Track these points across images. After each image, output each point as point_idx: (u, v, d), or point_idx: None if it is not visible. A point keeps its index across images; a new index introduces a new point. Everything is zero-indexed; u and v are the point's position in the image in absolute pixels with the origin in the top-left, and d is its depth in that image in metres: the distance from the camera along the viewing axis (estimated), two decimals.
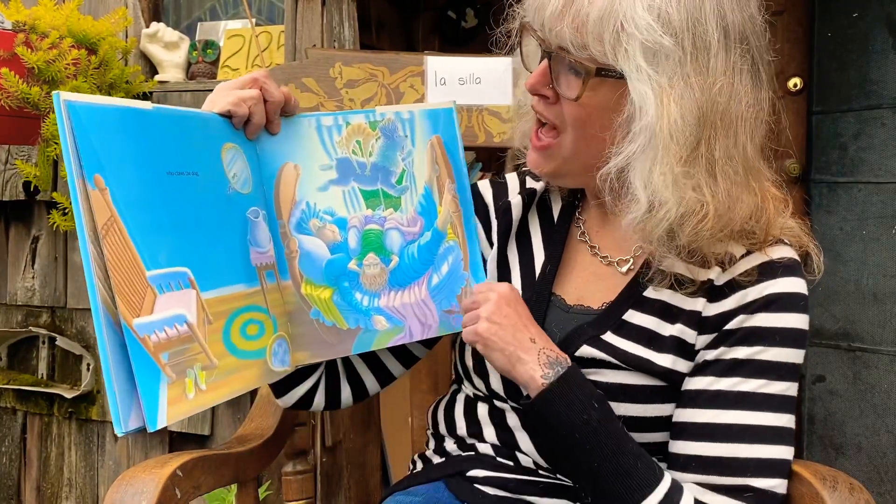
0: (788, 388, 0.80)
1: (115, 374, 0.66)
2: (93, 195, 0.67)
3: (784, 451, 0.80)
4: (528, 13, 0.83)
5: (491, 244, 0.98)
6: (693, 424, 0.81)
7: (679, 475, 0.81)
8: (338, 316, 0.88)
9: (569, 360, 0.82)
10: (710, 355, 0.82)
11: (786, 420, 0.80)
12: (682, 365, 0.83)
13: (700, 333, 0.83)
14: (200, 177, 0.77)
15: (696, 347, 0.83)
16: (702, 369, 0.82)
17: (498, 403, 0.92)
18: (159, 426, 0.68)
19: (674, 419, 0.83)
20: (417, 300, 0.91)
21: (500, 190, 1.01)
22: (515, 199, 0.97)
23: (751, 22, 0.78)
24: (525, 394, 0.83)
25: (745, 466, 0.78)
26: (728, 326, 0.81)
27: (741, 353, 0.80)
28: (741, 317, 0.81)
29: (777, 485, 0.79)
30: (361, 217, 0.89)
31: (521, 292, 0.92)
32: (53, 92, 0.67)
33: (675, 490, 0.79)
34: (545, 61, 0.81)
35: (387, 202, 0.90)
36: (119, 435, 0.67)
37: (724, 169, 0.76)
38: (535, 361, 0.81)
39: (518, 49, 0.88)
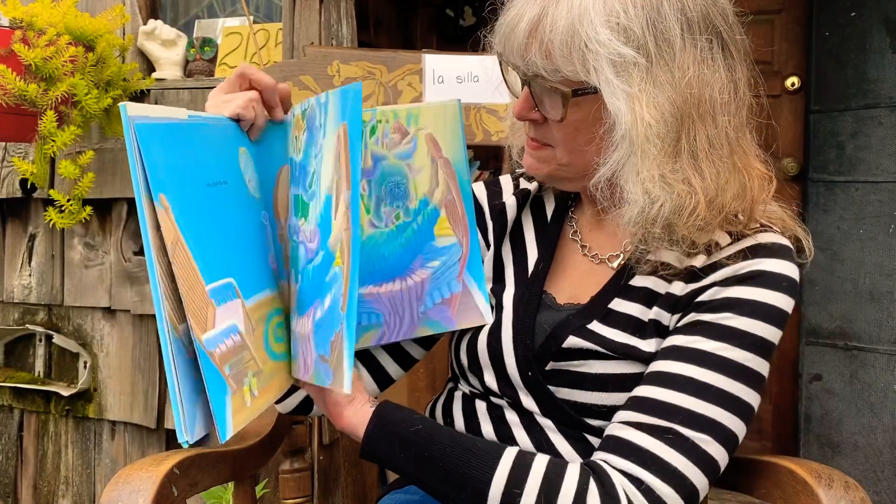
0: (751, 360, 0.78)
1: (180, 386, 0.67)
2: (161, 214, 0.66)
3: (725, 417, 0.75)
4: (499, 45, 0.84)
5: (487, 245, 0.98)
6: (645, 374, 0.81)
7: (615, 415, 0.81)
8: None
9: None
10: (680, 322, 0.81)
11: (738, 389, 0.76)
12: None
13: (673, 314, 0.82)
14: (229, 185, 0.77)
15: (671, 327, 0.82)
16: (670, 332, 0.82)
17: (494, 400, 0.92)
18: (228, 437, 0.69)
19: None
20: (303, 336, 0.78)
21: (494, 191, 1.02)
22: (510, 201, 0.98)
23: (714, 5, 0.78)
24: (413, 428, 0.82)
25: (675, 412, 0.76)
26: (700, 298, 0.80)
27: (708, 317, 0.79)
28: (715, 288, 0.80)
29: (705, 441, 0.75)
30: (295, 227, 0.85)
31: (513, 290, 0.93)
32: (120, 104, 0.66)
33: (527, 452, 0.79)
34: (526, 88, 0.83)
35: (302, 210, 0.83)
36: (185, 445, 0.67)
37: (709, 156, 0.78)
38: (366, 401, 0.83)
39: (502, 76, 0.89)
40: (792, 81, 2.15)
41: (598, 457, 0.78)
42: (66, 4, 1.68)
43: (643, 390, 0.79)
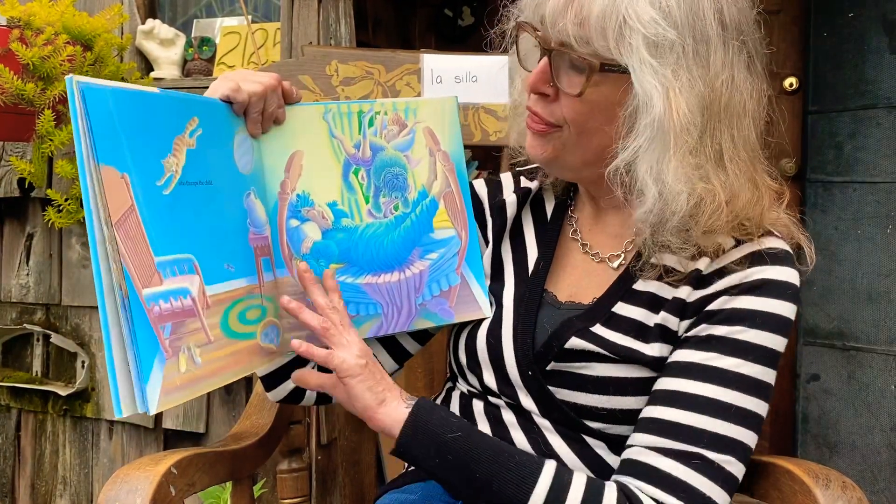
0: (764, 374, 0.79)
1: (118, 355, 0.67)
2: (110, 183, 0.67)
3: (744, 435, 0.78)
4: (526, 11, 0.83)
5: (486, 242, 0.98)
6: (661, 391, 0.81)
7: (636, 436, 0.81)
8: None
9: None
10: (691, 333, 0.81)
11: (754, 404, 0.79)
12: (667, 352, 0.83)
13: (682, 319, 0.82)
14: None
15: (680, 333, 0.83)
16: (681, 345, 0.82)
17: (492, 400, 0.92)
18: (152, 408, 0.67)
19: None
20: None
21: (494, 189, 1.02)
22: (510, 198, 0.98)
23: (745, 16, 0.80)
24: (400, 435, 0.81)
25: (700, 436, 0.77)
26: (710, 307, 0.81)
27: (720, 330, 0.80)
28: (724, 298, 0.80)
29: (729, 462, 0.77)
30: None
31: (513, 289, 0.93)
32: (66, 77, 0.67)
33: (564, 469, 0.78)
34: (545, 59, 0.81)
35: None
36: (118, 417, 0.67)
37: (733, 158, 0.78)
38: (399, 398, 0.81)
39: (514, 49, 0.88)
40: (790, 82, 2.15)
41: (629, 482, 0.78)
42: (63, 3, 1.67)
43: (666, 412, 0.79)
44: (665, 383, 0.81)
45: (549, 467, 0.78)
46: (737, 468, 0.78)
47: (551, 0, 0.78)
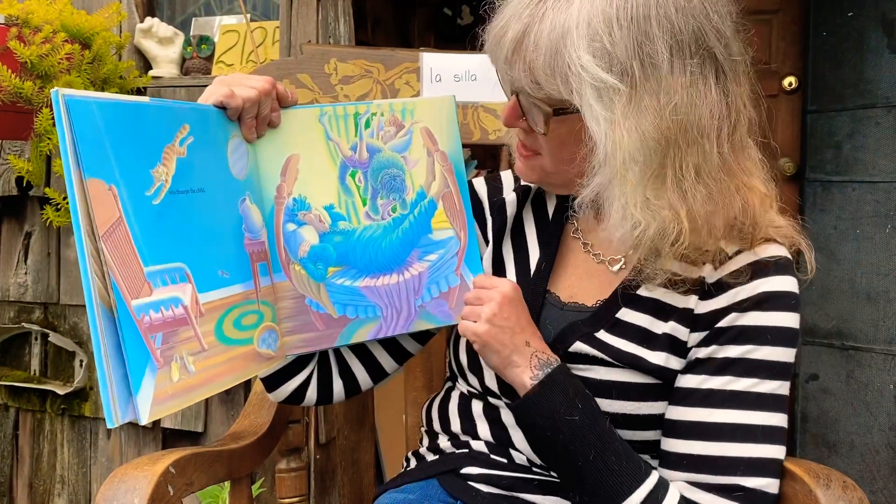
0: (780, 388, 0.81)
1: (108, 365, 0.66)
2: (97, 195, 0.67)
3: (775, 451, 0.80)
4: (489, 53, 0.84)
5: (486, 241, 0.98)
6: (684, 423, 0.81)
7: (670, 473, 0.82)
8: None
9: (559, 361, 0.83)
10: (702, 353, 0.82)
11: (777, 419, 0.80)
12: (674, 362, 0.83)
13: (692, 331, 0.83)
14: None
15: (689, 345, 0.83)
16: (693, 367, 0.82)
17: (492, 400, 0.92)
18: (146, 417, 0.67)
19: (665, 416, 0.83)
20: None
21: (495, 187, 1.01)
22: (510, 197, 0.97)
23: (708, 23, 0.75)
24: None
25: (736, 465, 0.78)
26: (720, 324, 0.81)
27: (733, 351, 0.80)
28: (733, 314, 0.81)
29: (768, 484, 0.79)
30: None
31: None
32: (52, 90, 0.66)
33: (661, 487, 0.79)
34: (514, 97, 0.83)
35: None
36: (110, 427, 0.67)
37: (697, 182, 0.76)
38: (527, 364, 0.82)
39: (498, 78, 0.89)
40: (789, 81, 2.15)
41: None
42: (62, 1, 1.67)
43: (695, 446, 0.80)
44: (686, 414, 0.81)
45: (650, 482, 0.79)
46: (774, 486, 0.79)
47: (501, 52, 0.79)
